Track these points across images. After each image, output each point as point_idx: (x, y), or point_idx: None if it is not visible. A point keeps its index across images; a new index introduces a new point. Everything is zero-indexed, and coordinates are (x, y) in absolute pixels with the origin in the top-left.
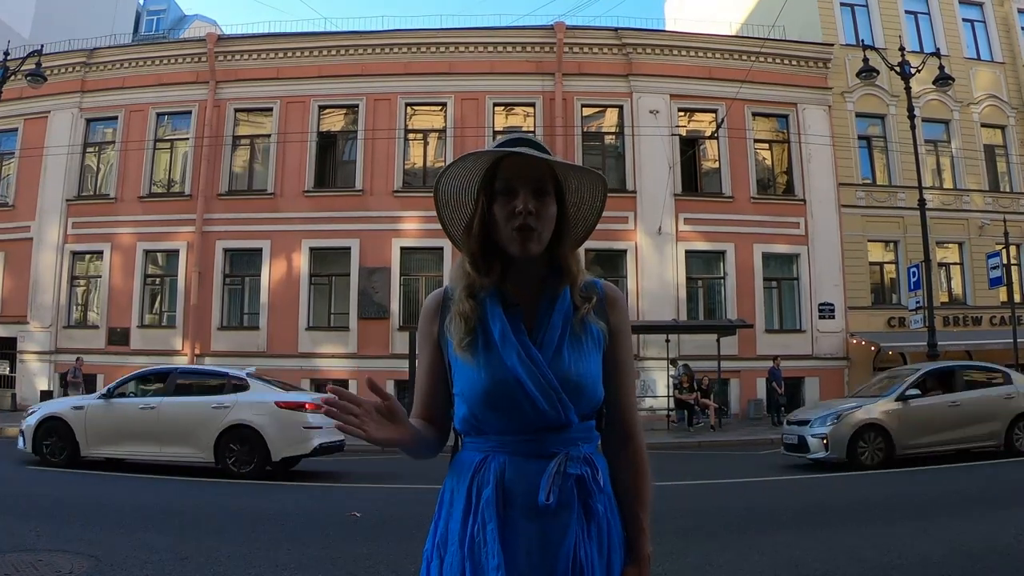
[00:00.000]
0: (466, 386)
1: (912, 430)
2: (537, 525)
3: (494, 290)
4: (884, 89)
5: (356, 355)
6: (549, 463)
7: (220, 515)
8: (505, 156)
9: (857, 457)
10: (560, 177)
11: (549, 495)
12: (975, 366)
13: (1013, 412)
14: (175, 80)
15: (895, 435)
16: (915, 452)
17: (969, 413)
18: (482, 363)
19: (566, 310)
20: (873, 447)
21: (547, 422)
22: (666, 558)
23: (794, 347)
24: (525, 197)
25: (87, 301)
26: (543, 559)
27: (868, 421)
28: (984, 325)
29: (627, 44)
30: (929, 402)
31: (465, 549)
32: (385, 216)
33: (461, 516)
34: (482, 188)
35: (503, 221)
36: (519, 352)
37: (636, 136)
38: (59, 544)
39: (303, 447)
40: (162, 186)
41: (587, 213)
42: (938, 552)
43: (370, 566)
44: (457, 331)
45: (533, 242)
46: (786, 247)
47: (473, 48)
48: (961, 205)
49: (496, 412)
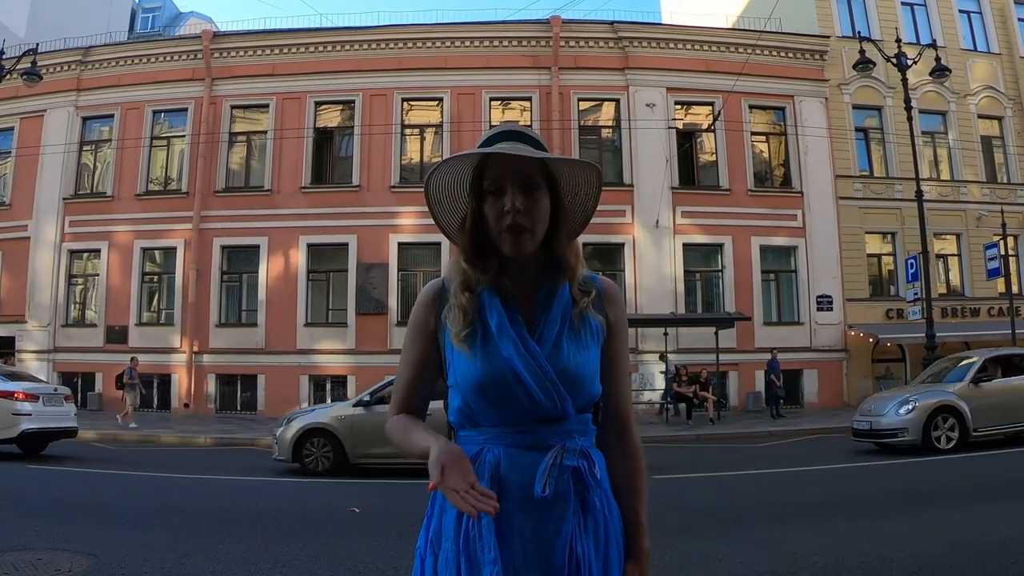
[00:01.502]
0: (462, 377)
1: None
2: (533, 518)
3: (492, 285)
4: (881, 81)
5: (354, 351)
6: (545, 455)
7: (219, 513)
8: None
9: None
10: (552, 168)
11: (545, 487)
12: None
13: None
14: (171, 78)
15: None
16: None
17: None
18: (479, 354)
19: (565, 304)
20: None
21: (543, 414)
22: (663, 552)
23: (792, 339)
24: (513, 194)
25: (85, 300)
26: (539, 552)
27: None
28: (982, 316)
29: (623, 38)
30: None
31: (460, 543)
32: (382, 212)
33: (456, 510)
34: (472, 186)
35: (493, 221)
36: (516, 344)
37: (633, 130)
38: (58, 543)
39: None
40: (159, 184)
41: (583, 200)
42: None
43: (370, 562)
44: (455, 323)
45: (526, 241)
46: (784, 240)
47: (469, 43)
48: (958, 196)
49: (491, 404)
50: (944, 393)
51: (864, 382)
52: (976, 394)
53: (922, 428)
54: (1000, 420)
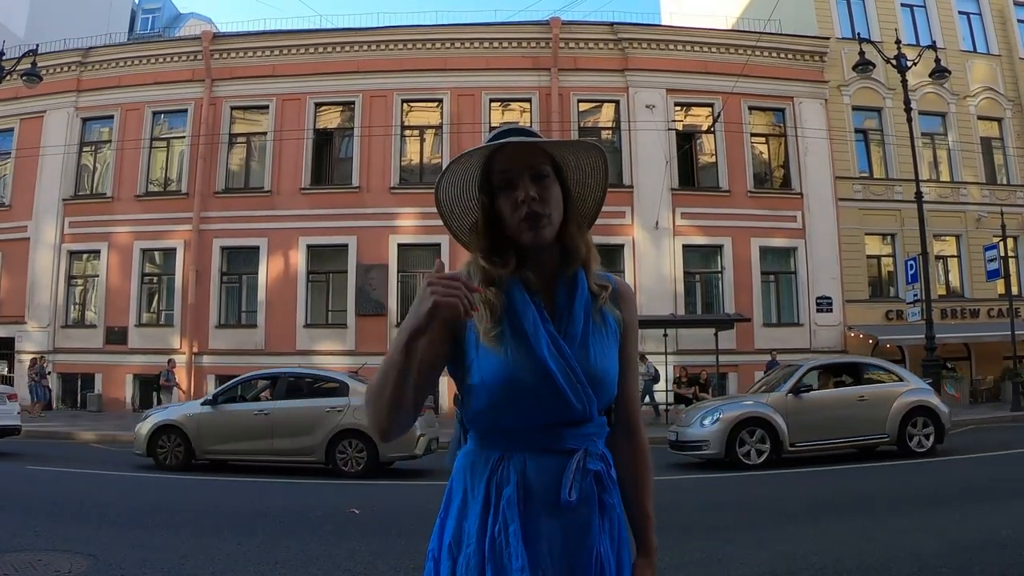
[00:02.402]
0: (490, 377)
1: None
2: (559, 522)
3: (516, 278)
4: (880, 82)
5: (354, 352)
6: (568, 459)
7: (217, 513)
8: (497, 150)
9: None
10: (557, 157)
11: (571, 491)
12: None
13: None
14: (171, 78)
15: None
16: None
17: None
18: (511, 353)
19: (586, 300)
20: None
21: (571, 416)
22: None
23: (792, 341)
24: (525, 184)
25: (85, 300)
26: (565, 556)
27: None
28: (982, 317)
29: (623, 39)
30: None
31: (486, 550)
32: (382, 213)
33: (480, 515)
34: (482, 187)
35: (509, 214)
36: (548, 343)
37: (632, 131)
38: (58, 544)
39: None
40: (159, 185)
41: (593, 187)
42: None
43: (370, 563)
44: (482, 320)
45: (544, 227)
46: (783, 241)
47: (469, 44)
48: (958, 198)
49: (521, 404)
50: (757, 405)
51: None
52: (796, 406)
53: (725, 441)
54: (821, 436)
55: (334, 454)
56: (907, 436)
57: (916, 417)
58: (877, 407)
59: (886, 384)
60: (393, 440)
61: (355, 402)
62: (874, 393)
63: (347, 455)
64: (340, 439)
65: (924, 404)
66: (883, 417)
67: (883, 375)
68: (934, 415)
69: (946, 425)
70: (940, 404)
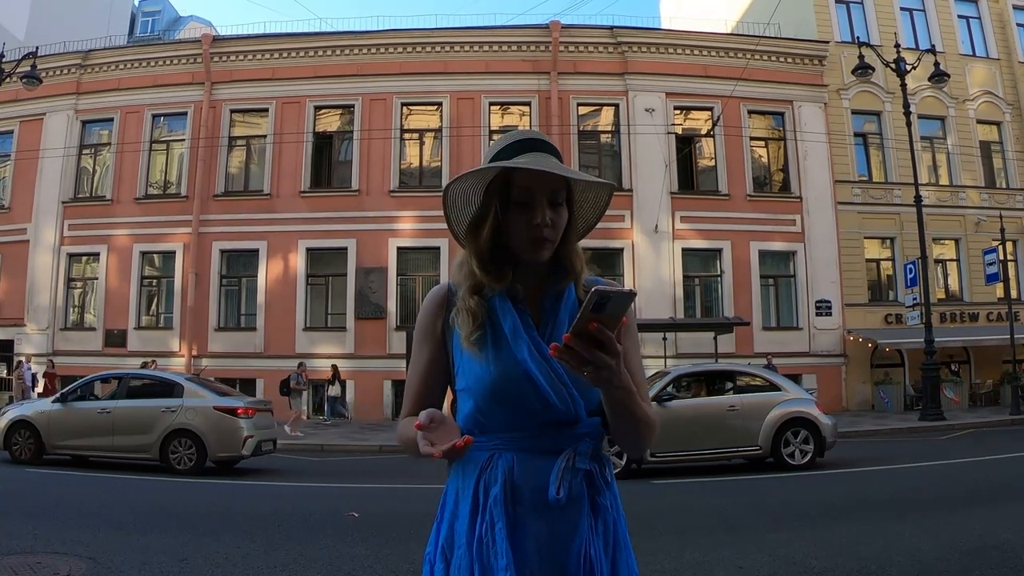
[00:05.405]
0: (473, 381)
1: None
2: (547, 522)
3: (503, 289)
4: (880, 86)
5: (353, 355)
6: (557, 459)
7: (217, 516)
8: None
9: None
10: (571, 182)
11: (559, 490)
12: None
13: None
14: (170, 81)
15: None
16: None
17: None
18: (491, 357)
19: (572, 305)
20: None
21: (556, 417)
22: (664, 554)
23: (791, 344)
24: (543, 208)
25: (84, 303)
26: (553, 556)
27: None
28: (981, 321)
29: (622, 43)
30: None
31: (473, 550)
32: (381, 216)
33: (468, 516)
34: (496, 193)
35: (519, 230)
36: (529, 346)
37: (632, 135)
38: (57, 546)
39: None
40: (158, 187)
41: (589, 213)
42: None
43: (368, 566)
44: (465, 325)
45: (547, 250)
46: (783, 244)
47: (468, 47)
48: (957, 201)
49: (504, 407)
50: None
51: (863, 387)
52: (660, 415)
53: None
54: (686, 446)
55: (167, 452)
56: (783, 448)
57: (794, 429)
58: (750, 418)
59: (762, 394)
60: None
61: (188, 403)
62: (746, 403)
63: (179, 454)
64: (173, 438)
65: (802, 415)
66: (756, 428)
67: (760, 383)
68: (814, 427)
69: (827, 438)
70: (821, 415)
